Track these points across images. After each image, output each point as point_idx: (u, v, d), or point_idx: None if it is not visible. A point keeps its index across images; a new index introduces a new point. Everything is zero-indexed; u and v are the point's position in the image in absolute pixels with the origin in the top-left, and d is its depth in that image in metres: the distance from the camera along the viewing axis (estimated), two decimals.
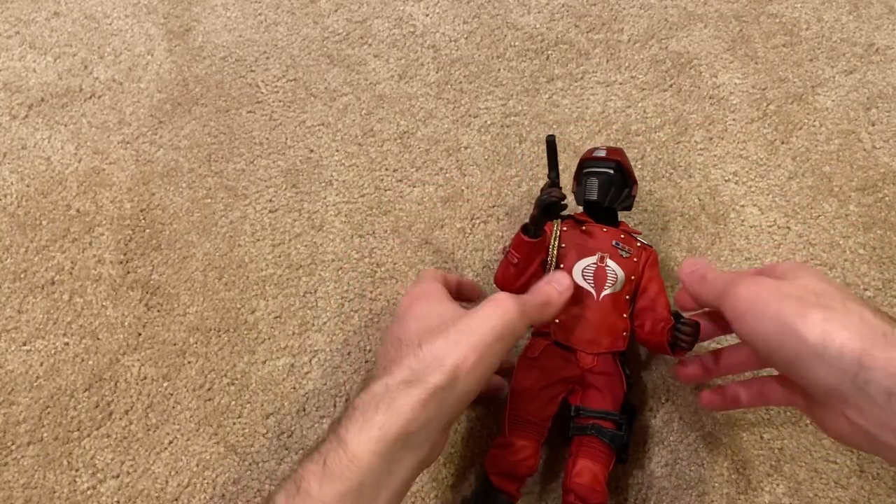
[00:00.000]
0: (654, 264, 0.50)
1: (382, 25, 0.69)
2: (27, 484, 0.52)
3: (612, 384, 0.48)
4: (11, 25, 0.70)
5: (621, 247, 0.49)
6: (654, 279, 0.50)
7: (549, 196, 0.44)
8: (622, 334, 0.49)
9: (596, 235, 0.50)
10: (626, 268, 0.49)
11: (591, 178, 0.50)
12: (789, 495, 0.51)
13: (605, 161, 0.50)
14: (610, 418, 0.47)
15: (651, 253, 0.51)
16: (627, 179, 0.51)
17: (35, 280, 0.58)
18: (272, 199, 0.62)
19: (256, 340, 0.56)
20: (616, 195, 0.50)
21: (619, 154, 0.51)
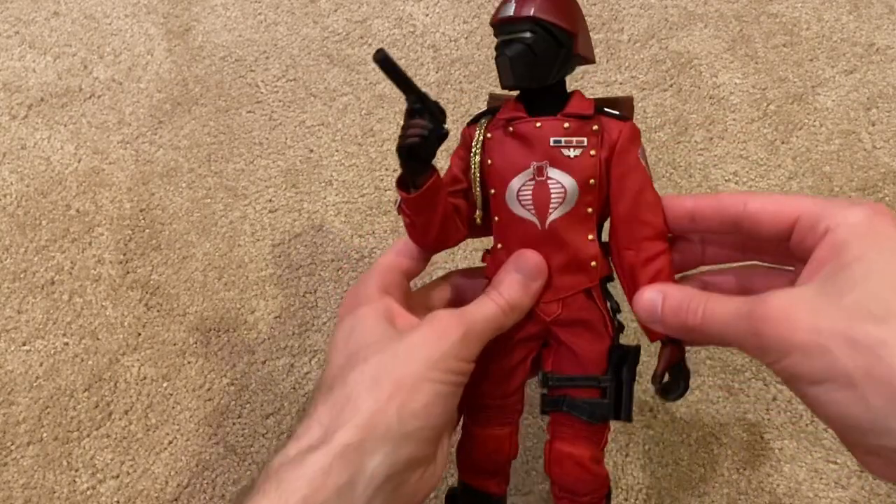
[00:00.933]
0: (628, 147, 0.35)
1: (382, 25, 0.69)
2: (27, 484, 0.52)
3: (590, 333, 0.36)
4: (11, 25, 0.70)
5: (566, 142, 0.35)
6: (632, 171, 0.35)
7: (407, 136, 0.33)
8: (589, 265, 0.36)
9: (528, 137, 0.35)
10: (579, 171, 0.35)
11: (499, 53, 0.35)
12: (790, 495, 0.51)
13: (515, 23, 0.34)
14: (587, 384, 0.37)
15: (621, 130, 0.35)
16: (560, 36, 0.34)
17: (35, 280, 0.58)
18: (272, 199, 0.61)
19: (256, 340, 0.56)
20: (545, 67, 0.34)
21: (535, 1, 0.34)
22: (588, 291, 0.36)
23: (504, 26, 0.35)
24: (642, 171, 0.35)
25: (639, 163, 0.35)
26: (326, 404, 0.32)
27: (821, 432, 0.53)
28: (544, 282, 0.36)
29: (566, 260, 0.36)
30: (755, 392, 0.54)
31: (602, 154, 0.35)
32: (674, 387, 0.36)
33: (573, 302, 0.36)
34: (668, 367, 0.36)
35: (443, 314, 0.34)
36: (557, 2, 0.34)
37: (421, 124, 0.33)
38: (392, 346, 0.33)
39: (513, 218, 0.36)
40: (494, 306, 0.35)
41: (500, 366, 0.38)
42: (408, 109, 0.33)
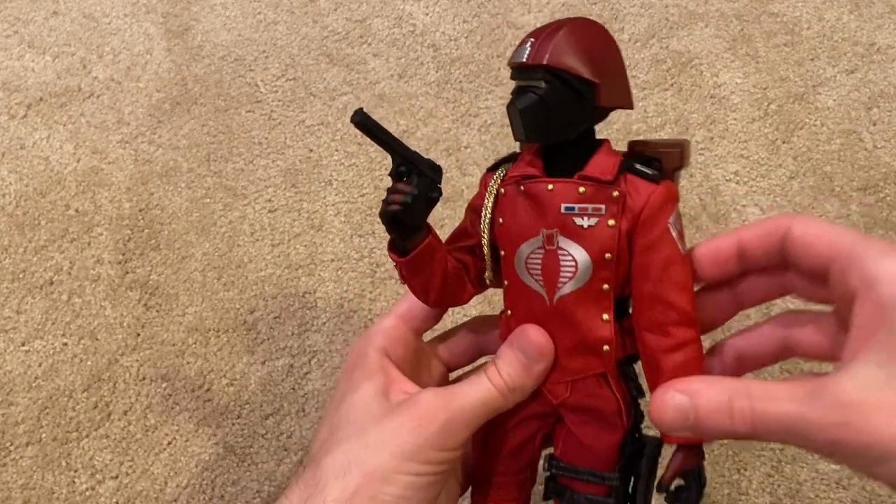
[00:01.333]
0: (655, 216, 0.30)
1: (382, 24, 0.69)
2: (26, 485, 0.52)
3: (601, 423, 0.32)
4: (10, 25, 0.70)
5: (580, 209, 0.30)
6: (658, 244, 0.30)
7: (388, 202, 0.29)
8: (601, 349, 0.31)
9: (539, 199, 0.30)
10: (594, 243, 0.30)
11: (509, 104, 0.30)
12: (790, 496, 0.51)
13: (528, 70, 0.29)
14: (592, 479, 0.32)
15: (651, 195, 0.30)
16: (580, 87, 0.29)
17: (33, 280, 0.58)
18: (271, 199, 0.61)
19: (255, 341, 0.56)
20: (561, 122, 0.30)
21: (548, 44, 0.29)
22: (602, 375, 0.32)
23: (517, 71, 0.30)
24: (670, 244, 0.30)
25: (667, 233, 0.30)
26: (300, 485, 0.30)
27: None
28: (549, 363, 0.32)
29: (575, 341, 0.31)
30: None
31: (623, 224, 0.30)
32: (684, 496, 0.31)
33: (583, 386, 0.32)
34: (678, 474, 0.31)
35: (425, 398, 0.31)
36: (581, 44, 0.29)
37: (404, 190, 0.29)
38: (367, 433, 0.30)
39: (522, 286, 0.32)
40: (490, 388, 0.31)
41: (507, 443, 0.34)
42: (392, 171, 0.30)
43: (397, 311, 0.36)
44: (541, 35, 0.29)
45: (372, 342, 0.34)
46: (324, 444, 0.31)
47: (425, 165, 0.30)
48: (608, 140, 0.31)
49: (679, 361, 0.30)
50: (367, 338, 0.35)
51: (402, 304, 0.36)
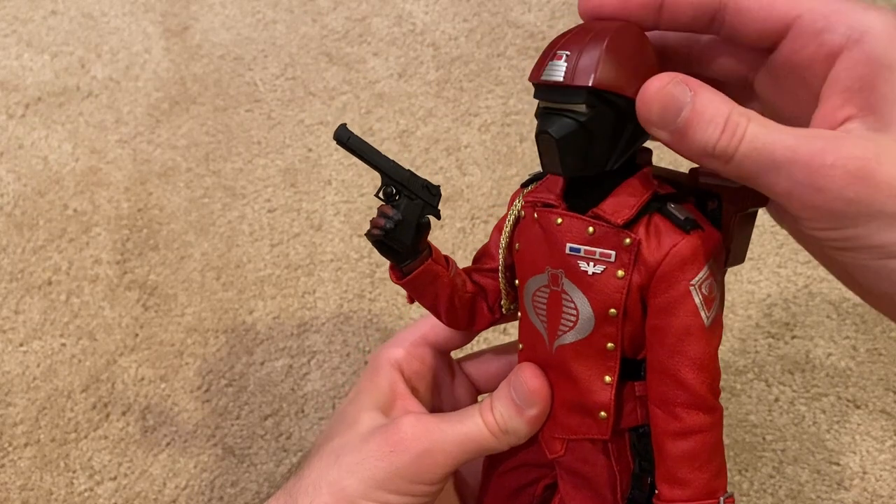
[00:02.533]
0: (675, 274, 0.25)
1: (382, 23, 0.69)
2: (24, 486, 0.52)
3: (591, 492, 0.29)
4: (8, 24, 0.69)
5: (586, 252, 0.26)
6: (675, 308, 0.25)
7: (371, 227, 0.27)
8: (598, 414, 0.27)
9: (548, 231, 0.27)
10: (598, 294, 0.26)
11: (541, 130, 0.25)
12: (792, 497, 0.51)
13: (566, 91, 0.24)
14: None
15: (674, 247, 0.25)
16: (622, 107, 0.25)
17: (32, 280, 0.58)
18: (270, 199, 0.61)
19: (255, 341, 0.56)
20: (602, 151, 0.25)
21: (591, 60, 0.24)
22: (600, 441, 0.28)
23: (547, 91, 0.25)
24: (691, 311, 0.25)
25: (688, 297, 0.25)
26: (285, 491, 0.29)
27: (823, 433, 0.52)
28: (544, 410, 0.28)
29: (572, 397, 0.28)
30: (757, 393, 0.53)
31: (635, 278, 0.25)
32: None
33: (578, 448, 0.28)
34: None
35: (405, 424, 0.28)
36: (627, 57, 0.24)
37: (388, 214, 0.27)
38: (345, 451, 0.28)
39: (529, 322, 0.28)
40: (479, 425, 0.28)
41: (505, 484, 0.31)
42: (379, 193, 0.27)
43: (421, 327, 0.33)
44: (577, 47, 0.24)
45: (386, 356, 0.32)
46: (314, 453, 0.30)
47: (417, 186, 0.27)
48: (650, 167, 0.26)
49: (684, 450, 0.26)
50: (383, 350, 0.33)
51: (427, 320, 0.33)
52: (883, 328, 0.56)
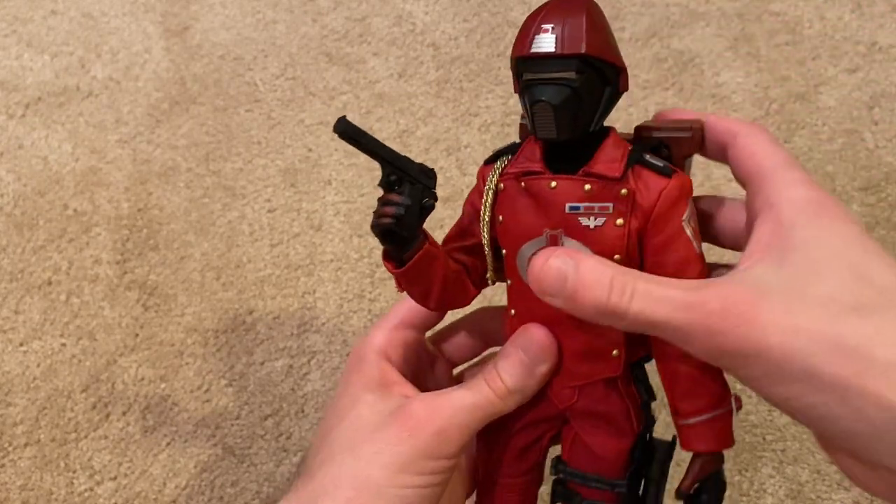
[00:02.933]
0: (668, 213, 0.28)
1: (382, 23, 0.69)
2: (24, 486, 0.52)
3: (609, 428, 0.31)
4: (8, 24, 0.69)
5: (586, 209, 0.28)
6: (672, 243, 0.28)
7: (379, 215, 0.27)
8: (610, 353, 0.30)
9: (541, 197, 0.29)
10: (601, 244, 0.28)
11: (537, 99, 0.27)
12: (792, 497, 0.51)
13: (558, 60, 0.27)
14: (601, 486, 0.31)
15: (663, 190, 0.28)
16: (606, 72, 0.27)
17: (32, 280, 0.58)
18: (270, 199, 0.61)
19: (254, 341, 0.56)
20: (589, 114, 0.28)
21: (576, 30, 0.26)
22: (610, 380, 0.30)
23: (538, 63, 0.27)
24: (685, 243, 0.28)
25: (681, 232, 0.28)
26: (297, 496, 0.29)
27: None
28: (554, 364, 0.30)
29: (583, 344, 0.30)
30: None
31: (633, 223, 0.28)
32: (704, 500, 0.30)
33: (591, 391, 0.30)
34: (696, 481, 0.29)
35: (416, 406, 0.29)
36: (603, 26, 0.27)
37: (396, 201, 0.27)
38: (359, 444, 0.29)
39: (524, 287, 0.29)
40: (488, 392, 0.30)
41: (512, 444, 0.33)
42: (382, 181, 0.28)
43: (397, 313, 0.34)
44: (559, 20, 0.26)
45: (371, 345, 0.33)
46: (318, 452, 0.30)
47: (416, 171, 0.28)
48: (614, 128, 0.29)
49: (696, 366, 0.28)
50: (365, 340, 0.33)
51: (402, 305, 0.34)
52: None
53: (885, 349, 0.22)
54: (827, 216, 0.25)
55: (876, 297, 0.23)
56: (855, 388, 0.22)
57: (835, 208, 0.26)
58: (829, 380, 0.22)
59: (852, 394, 0.22)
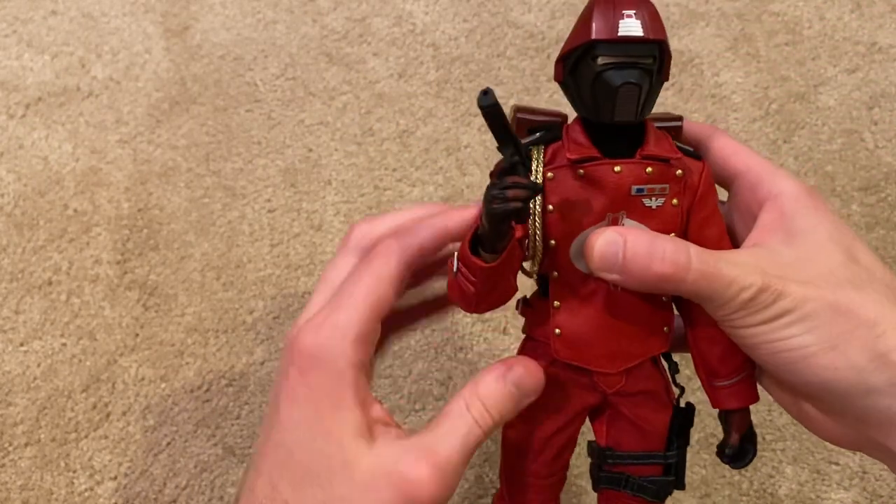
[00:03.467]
0: (709, 192, 0.31)
1: (382, 24, 0.69)
2: (24, 485, 0.52)
3: (654, 403, 0.32)
4: (9, 24, 0.69)
5: (648, 190, 0.29)
6: (711, 219, 0.31)
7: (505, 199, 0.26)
8: (662, 329, 0.31)
9: (603, 182, 0.29)
10: (661, 223, 0.30)
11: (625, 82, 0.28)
12: (791, 497, 0.51)
13: (644, 45, 0.28)
14: (652, 461, 0.32)
15: (702, 172, 0.30)
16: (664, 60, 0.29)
17: (32, 280, 0.58)
18: (270, 199, 0.61)
19: (255, 341, 0.56)
20: (654, 97, 0.30)
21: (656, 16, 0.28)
22: (654, 357, 0.32)
23: (624, 47, 0.27)
24: (720, 221, 0.31)
25: (717, 210, 0.31)
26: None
27: None
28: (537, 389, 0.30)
29: (639, 325, 0.31)
30: None
31: (684, 202, 0.30)
32: (743, 453, 0.33)
33: (639, 371, 0.31)
34: (741, 436, 0.32)
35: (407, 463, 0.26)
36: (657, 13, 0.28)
37: (523, 184, 0.26)
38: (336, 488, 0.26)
39: (577, 276, 0.30)
40: (479, 431, 0.28)
41: (552, 442, 0.33)
42: (504, 165, 0.27)
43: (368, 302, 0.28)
44: (637, 5, 0.28)
45: (345, 354, 0.27)
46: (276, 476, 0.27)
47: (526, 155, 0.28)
48: (649, 120, 0.30)
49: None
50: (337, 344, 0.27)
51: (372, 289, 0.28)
52: None
53: (873, 310, 0.27)
54: (819, 208, 0.30)
55: (863, 273, 0.29)
56: (845, 338, 0.27)
57: (822, 201, 0.31)
58: (827, 335, 0.27)
59: (843, 343, 0.27)
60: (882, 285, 0.29)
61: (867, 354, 0.27)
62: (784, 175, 0.31)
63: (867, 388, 0.27)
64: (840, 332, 0.27)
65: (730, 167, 0.32)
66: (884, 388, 0.27)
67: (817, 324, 0.27)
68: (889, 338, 0.27)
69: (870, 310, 0.27)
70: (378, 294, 0.28)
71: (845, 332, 0.27)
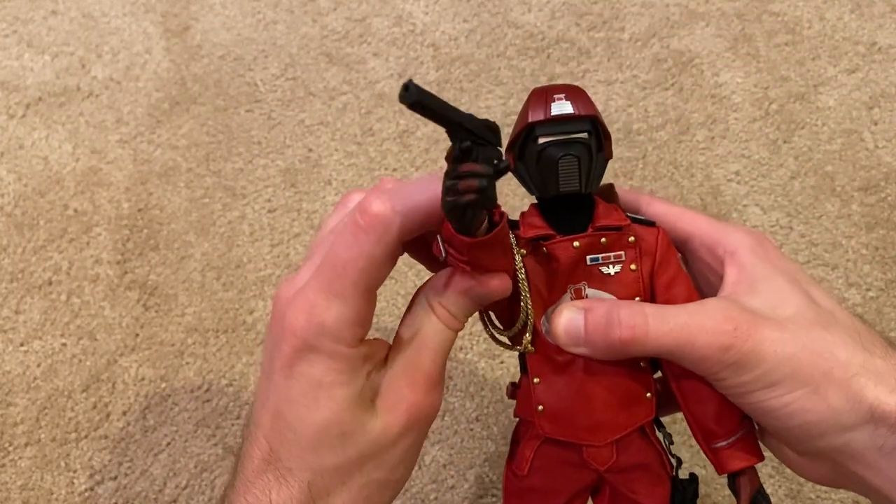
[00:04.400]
0: (668, 255, 0.31)
1: (382, 24, 0.69)
2: (25, 485, 0.52)
3: (649, 477, 0.32)
4: (9, 24, 0.69)
5: (604, 259, 0.31)
6: (676, 280, 0.31)
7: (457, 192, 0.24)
8: (645, 396, 0.31)
9: (562, 257, 0.30)
10: (621, 287, 0.31)
11: (563, 154, 0.29)
12: (792, 497, 0.51)
13: (576, 121, 0.30)
14: None
15: (657, 237, 0.31)
16: (601, 138, 0.31)
17: (32, 280, 0.58)
18: (271, 199, 0.61)
19: (255, 341, 0.56)
20: (597, 171, 0.31)
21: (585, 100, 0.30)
22: (642, 428, 0.31)
23: (558, 125, 0.30)
24: (686, 281, 0.32)
25: (681, 270, 0.32)
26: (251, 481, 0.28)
27: None
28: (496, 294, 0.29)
29: (619, 393, 0.31)
30: None
31: (643, 268, 0.31)
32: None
33: (629, 444, 0.31)
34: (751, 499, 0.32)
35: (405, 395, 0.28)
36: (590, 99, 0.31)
37: (478, 171, 0.23)
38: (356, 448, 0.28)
39: (553, 349, 0.30)
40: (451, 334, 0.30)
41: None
42: (454, 153, 0.24)
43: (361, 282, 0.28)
44: (567, 91, 0.30)
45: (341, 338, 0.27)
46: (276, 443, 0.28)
47: (485, 131, 0.24)
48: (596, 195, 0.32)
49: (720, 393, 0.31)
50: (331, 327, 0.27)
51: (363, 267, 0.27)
52: (881, 328, 0.56)
53: (843, 351, 0.28)
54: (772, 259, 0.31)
55: (826, 314, 0.29)
56: (824, 380, 0.28)
57: (773, 248, 0.32)
58: (806, 376, 0.28)
59: (822, 385, 0.28)
60: (844, 326, 0.29)
61: (843, 395, 0.27)
62: (733, 229, 0.32)
63: (844, 427, 0.28)
64: (819, 373, 0.28)
65: (679, 231, 0.33)
66: (859, 426, 0.27)
67: (797, 367, 0.28)
68: (861, 377, 0.27)
69: (841, 350, 0.28)
70: (370, 272, 0.28)
71: (824, 374, 0.28)
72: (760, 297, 0.30)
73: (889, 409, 0.27)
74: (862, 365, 0.28)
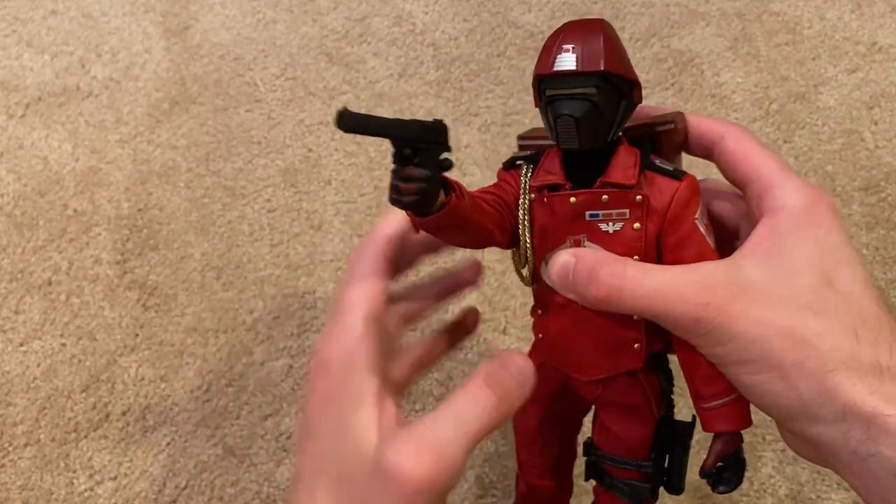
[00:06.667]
0: (682, 213, 0.30)
1: (382, 23, 0.69)
2: (24, 486, 0.52)
3: (633, 416, 0.33)
4: (9, 24, 0.69)
5: (604, 216, 0.30)
6: (687, 241, 0.30)
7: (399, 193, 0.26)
8: (632, 347, 0.32)
9: (561, 209, 0.31)
10: (619, 246, 0.30)
11: (561, 113, 0.29)
12: (792, 497, 0.51)
13: (579, 77, 0.29)
14: (627, 467, 0.34)
15: (675, 193, 0.30)
16: (622, 87, 0.30)
17: (32, 280, 0.58)
18: (270, 199, 0.61)
19: (255, 341, 0.56)
20: (608, 126, 0.30)
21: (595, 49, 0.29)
22: (631, 373, 0.32)
23: (561, 80, 0.29)
24: (700, 240, 0.30)
25: (695, 229, 0.30)
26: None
27: None
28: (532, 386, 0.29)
29: (606, 341, 0.32)
30: None
31: (649, 226, 0.30)
32: (725, 479, 0.33)
33: (614, 384, 0.33)
34: (719, 460, 0.32)
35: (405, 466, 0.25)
36: (617, 46, 0.30)
37: (415, 176, 0.26)
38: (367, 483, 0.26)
39: (550, 290, 0.31)
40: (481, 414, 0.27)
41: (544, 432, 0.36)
42: (395, 159, 0.26)
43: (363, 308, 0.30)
44: (579, 39, 0.29)
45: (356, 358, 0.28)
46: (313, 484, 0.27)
47: (427, 134, 0.26)
48: (623, 137, 0.31)
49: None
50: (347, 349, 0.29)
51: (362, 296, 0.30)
52: None
53: (827, 342, 0.27)
54: (815, 226, 0.29)
55: (832, 299, 0.27)
56: (795, 368, 0.27)
57: (824, 218, 0.29)
58: (776, 361, 0.27)
59: (793, 373, 0.27)
60: (851, 315, 0.27)
61: (815, 388, 0.26)
62: (792, 186, 0.29)
63: (813, 417, 0.27)
64: (791, 360, 0.26)
65: (739, 175, 0.31)
66: (830, 421, 0.26)
67: (767, 350, 0.27)
68: (839, 374, 0.26)
69: (826, 340, 0.27)
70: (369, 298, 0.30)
71: (795, 363, 0.26)
72: (767, 267, 0.28)
73: (865, 412, 0.25)
74: (846, 360, 0.26)
